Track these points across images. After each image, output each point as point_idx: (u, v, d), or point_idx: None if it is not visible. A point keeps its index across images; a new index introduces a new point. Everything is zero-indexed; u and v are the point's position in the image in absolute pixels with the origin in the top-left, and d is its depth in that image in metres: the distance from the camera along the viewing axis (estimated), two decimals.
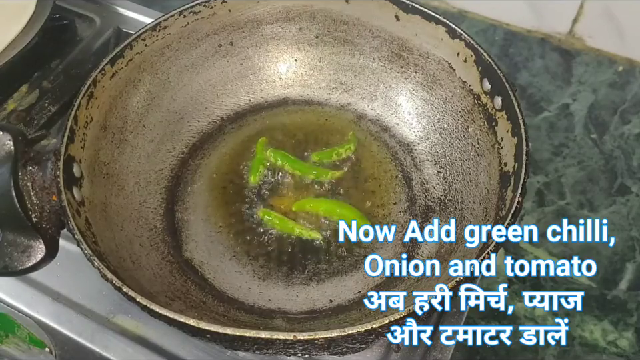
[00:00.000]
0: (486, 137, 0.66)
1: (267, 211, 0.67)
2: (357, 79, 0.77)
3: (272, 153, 0.71)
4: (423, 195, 0.70)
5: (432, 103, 0.73)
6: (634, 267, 0.81)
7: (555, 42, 0.88)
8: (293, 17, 0.76)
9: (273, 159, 0.71)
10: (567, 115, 0.90)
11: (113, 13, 0.91)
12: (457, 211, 0.67)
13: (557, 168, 0.89)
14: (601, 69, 0.88)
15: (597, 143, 0.89)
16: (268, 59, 0.78)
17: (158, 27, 0.69)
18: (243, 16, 0.74)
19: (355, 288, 0.63)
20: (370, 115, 0.77)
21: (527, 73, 0.91)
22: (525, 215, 0.86)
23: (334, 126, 0.76)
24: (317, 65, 0.78)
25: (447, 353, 0.60)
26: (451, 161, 0.70)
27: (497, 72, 0.64)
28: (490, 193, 0.63)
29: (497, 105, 0.64)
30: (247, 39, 0.76)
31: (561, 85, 0.90)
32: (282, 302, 0.62)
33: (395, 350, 0.61)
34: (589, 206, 0.86)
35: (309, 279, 0.64)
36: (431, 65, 0.72)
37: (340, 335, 0.47)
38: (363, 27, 0.74)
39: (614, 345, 0.76)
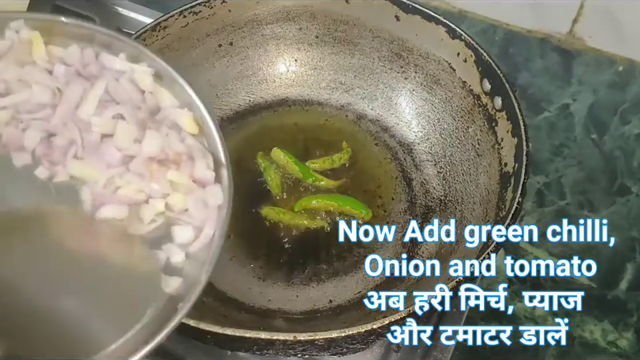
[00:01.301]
0: (486, 137, 0.66)
1: (271, 208, 0.67)
2: (357, 79, 0.77)
3: (277, 152, 0.71)
4: (422, 195, 0.70)
5: (432, 103, 0.73)
6: (634, 267, 0.81)
7: (555, 42, 0.88)
8: (293, 17, 0.76)
9: (276, 158, 0.71)
10: (567, 115, 0.90)
11: (113, 13, 0.91)
12: (457, 211, 0.67)
13: (557, 168, 0.89)
14: (600, 69, 0.88)
15: (597, 143, 0.89)
16: (268, 59, 0.78)
17: (158, 27, 0.69)
18: (242, 16, 0.74)
19: (355, 288, 0.63)
20: (370, 114, 0.77)
21: (527, 73, 0.91)
22: (525, 215, 0.86)
23: (334, 126, 0.76)
24: (317, 65, 0.78)
25: (447, 353, 0.60)
26: (451, 161, 0.70)
27: (497, 72, 0.64)
28: (490, 193, 0.63)
29: (497, 105, 0.64)
30: (247, 38, 0.76)
31: (561, 85, 0.90)
32: (282, 302, 0.62)
33: (394, 350, 0.61)
34: (589, 206, 0.86)
35: (308, 279, 0.64)
36: (431, 65, 0.72)
37: (340, 335, 0.47)
38: (363, 27, 0.74)
39: (614, 345, 0.76)
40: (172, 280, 0.41)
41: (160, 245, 0.42)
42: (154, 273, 0.41)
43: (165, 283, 0.41)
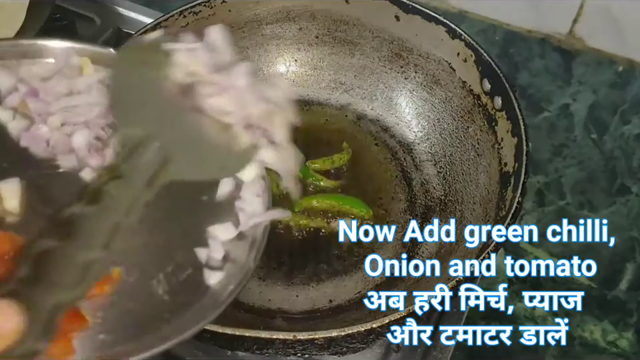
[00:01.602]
0: (486, 137, 0.66)
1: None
2: (357, 79, 0.77)
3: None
4: (422, 195, 0.70)
5: (432, 103, 0.73)
6: (634, 267, 0.81)
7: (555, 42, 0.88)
8: (293, 17, 0.76)
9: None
10: (567, 115, 0.90)
11: (113, 13, 0.91)
12: (457, 211, 0.67)
13: (557, 168, 0.89)
14: (600, 69, 0.88)
15: (597, 143, 0.89)
16: (268, 59, 0.78)
17: (158, 27, 0.69)
18: (243, 16, 0.74)
19: (355, 288, 0.63)
20: (370, 115, 0.77)
21: (527, 73, 0.91)
22: (525, 215, 0.86)
23: (334, 126, 0.76)
24: (317, 65, 0.78)
25: (446, 353, 0.60)
26: (451, 161, 0.70)
27: (497, 72, 0.64)
28: (490, 193, 0.63)
29: (496, 105, 0.64)
30: (247, 39, 0.76)
31: (561, 85, 0.90)
32: (282, 302, 0.62)
33: (394, 350, 0.61)
34: (589, 206, 0.86)
35: (308, 278, 0.64)
36: (431, 65, 0.72)
37: (340, 334, 0.47)
38: (363, 27, 0.75)
39: (614, 345, 0.76)
40: (215, 274, 0.42)
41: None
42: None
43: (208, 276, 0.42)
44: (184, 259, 0.42)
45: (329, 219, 0.67)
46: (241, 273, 0.42)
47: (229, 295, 0.41)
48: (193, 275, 0.42)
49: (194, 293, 0.41)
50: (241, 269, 0.42)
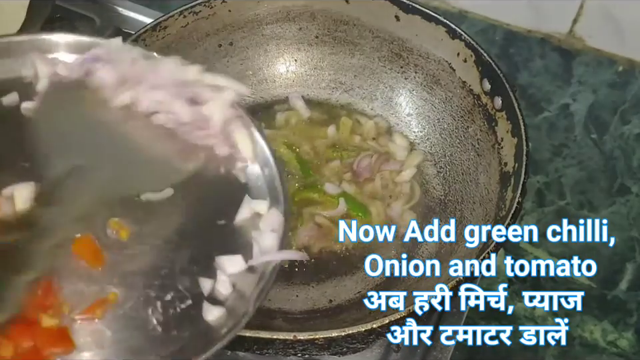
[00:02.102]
0: (486, 137, 0.66)
1: None
2: (357, 79, 0.77)
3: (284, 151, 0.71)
4: (422, 195, 0.70)
5: (432, 103, 0.73)
6: (634, 267, 0.81)
7: (555, 42, 0.88)
8: (293, 17, 0.76)
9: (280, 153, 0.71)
10: (567, 115, 0.90)
11: (113, 13, 0.91)
12: (457, 211, 0.67)
13: (557, 168, 0.89)
14: (600, 68, 0.88)
15: (597, 142, 0.89)
16: (268, 59, 0.78)
17: (158, 27, 0.69)
18: (243, 16, 0.74)
19: (355, 288, 0.63)
20: (370, 114, 0.77)
21: (527, 72, 0.91)
22: (525, 215, 0.86)
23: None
24: (317, 65, 0.78)
25: (446, 353, 0.60)
26: (450, 161, 0.70)
27: (497, 72, 0.64)
28: (490, 193, 0.63)
29: (497, 105, 0.64)
30: (247, 38, 0.76)
31: (561, 85, 0.90)
32: (282, 302, 0.62)
33: (394, 350, 0.61)
34: (589, 206, 0.86)
35: (308, 279, 0.64)
36: (431, 65, 0.72)
37: (340, 335, 0.47)
38: (363, 27, 0.74)
39: (614, 345, 0.77)
40: (215, 310, 0.41)
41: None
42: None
43: (207, 311, 0.41)
44: (186, 288, 0.41)
45: (329, 220, 0.67)
46: (239, 317, 0.41)
47: (222, 336, 0.40)
48: (191, 307, 0.41)
49: (188, 327, 0.40)
50: (241, 307, 0.41)
